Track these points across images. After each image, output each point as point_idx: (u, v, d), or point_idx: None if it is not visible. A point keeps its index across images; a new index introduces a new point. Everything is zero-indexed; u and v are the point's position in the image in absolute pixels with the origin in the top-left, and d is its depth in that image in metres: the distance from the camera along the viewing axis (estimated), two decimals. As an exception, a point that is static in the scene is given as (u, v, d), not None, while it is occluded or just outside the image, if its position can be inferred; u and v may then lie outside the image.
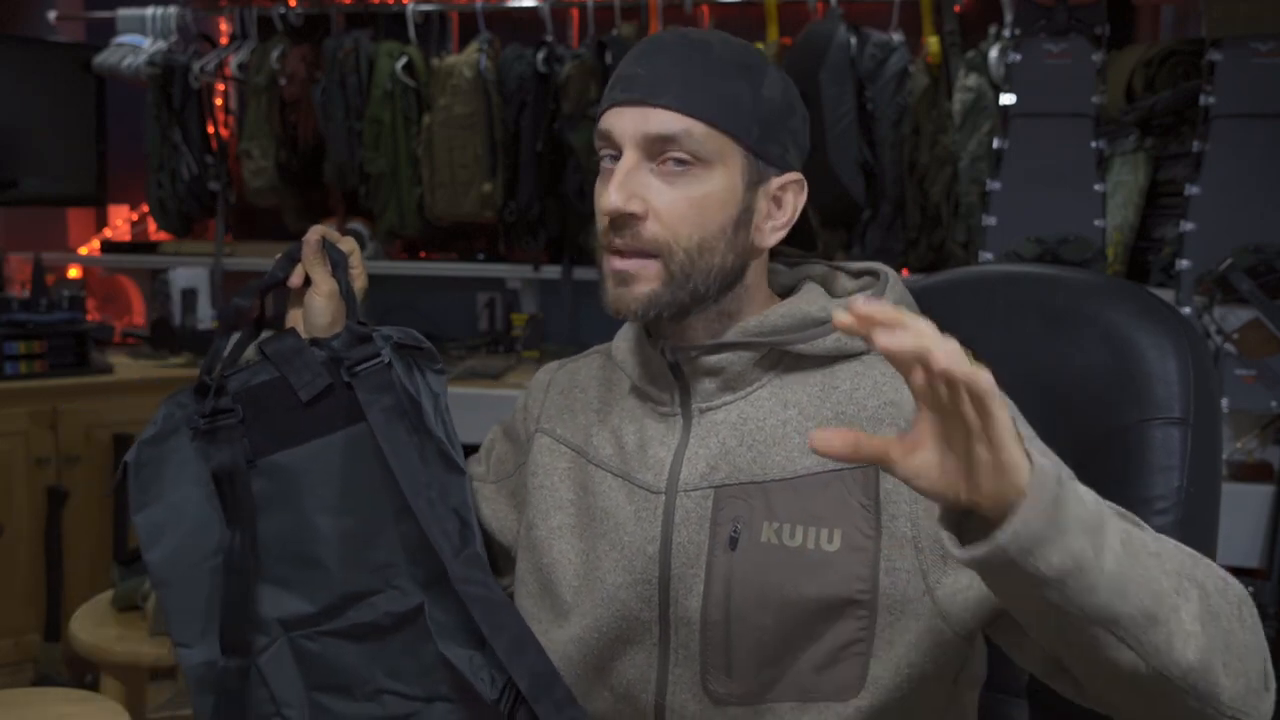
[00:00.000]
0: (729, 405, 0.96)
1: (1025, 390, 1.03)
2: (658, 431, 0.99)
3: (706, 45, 0.94)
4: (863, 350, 0.94)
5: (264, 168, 3.29)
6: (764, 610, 0.90)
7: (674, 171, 0.91)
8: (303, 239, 1.08)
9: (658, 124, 0.90)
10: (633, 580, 0.96)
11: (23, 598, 2.75)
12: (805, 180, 0.98)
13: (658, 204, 0.91)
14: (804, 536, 0.90)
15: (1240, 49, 2.42)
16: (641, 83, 0.92)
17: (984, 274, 1.19)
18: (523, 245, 3.19)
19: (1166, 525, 0.93)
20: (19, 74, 3.21)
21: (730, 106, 0.92)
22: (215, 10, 3.50)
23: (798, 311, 0.95)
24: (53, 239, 3.64)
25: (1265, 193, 2.39)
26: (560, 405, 1.09)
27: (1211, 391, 0.98)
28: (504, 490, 1.14)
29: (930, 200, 2.87)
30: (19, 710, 1.52)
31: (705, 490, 0.94)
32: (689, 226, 0.91)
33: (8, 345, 2.77)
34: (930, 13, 2.93)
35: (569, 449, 1.05)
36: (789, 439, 0.93)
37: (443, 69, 3.13)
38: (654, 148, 0.91)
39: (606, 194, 0.91)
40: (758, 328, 0.95)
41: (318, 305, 1.06)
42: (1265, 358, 2.32)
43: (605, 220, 0.93)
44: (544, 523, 1.04)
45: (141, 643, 1.86)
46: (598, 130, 0.95)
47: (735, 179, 0.93)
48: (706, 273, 0.93)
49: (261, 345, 1.05)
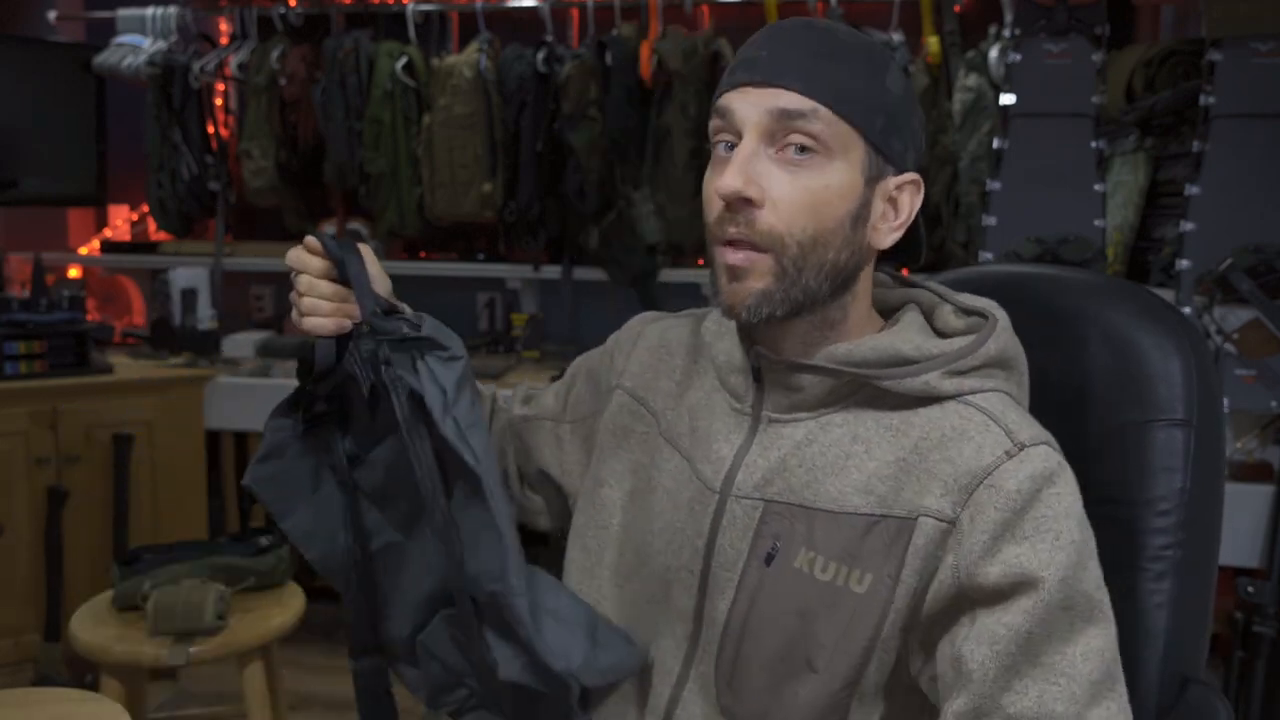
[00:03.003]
0: (799, 422, 0.94)
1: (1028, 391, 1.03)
2: (725, 426, 0.97)
3: (833, 32, 0.91)
4: (950, 395, 0.90)
5: (264, 168, 3.29)
6: (777, 633, 0.90)
7: (794, 160, 0.88)
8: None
9: (788, 101, 0.87)
10: (680, 565, 0.96)
11: (23, 598, 2.75)
12: (923, 183, 0.95)
13: (776, 193, 0.88)
14: (835, 573, 0.88)
15: (1240, 49, 2.42)
16: (764, 65, 0.89)
17: (984, 274, 1.18)
18: (523, 245, 3.19)
19: (1169, 526, 0.93)
20: (19, 74, 3.20)
21: (855, 95, 0.88)
22: (215, 10, 3.50)
23: (890, 347, 0.91)
24: (53, 239, 3.64)
25: (1265, 193, 2.39)
26: (646, 364, 1.08)
27: (1213, 392, 0.98)
28: (579, 432, 1.14)
29: (930, 200, 2.87)
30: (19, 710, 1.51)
31: (755, 501, 0.93)
32: (805, 218, 0.88)
33: (8, 345, 2.76)
34: (930, 13, 2.93)
35: (648, 413, 1.05)
36: (848, 472, 0.90)
37: (443, 69, 3.13)
38: (777, 129, 0.88)
39: (723, 177, 0.87)
40: (845, 357, 0.91)
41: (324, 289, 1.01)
42: (1265, 358, 2.32)
43: (719, 207, 0.89)
44: (615, 485, 1.04)
45: (141, 643, 1.86)
46: (716, 108, 0.92)
47: (855, 173, 0.89)
48: (819, 268, 0.89)
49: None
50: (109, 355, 3.08)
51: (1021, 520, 0.83)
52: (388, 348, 0.98)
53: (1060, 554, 0.82)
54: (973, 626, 0.83)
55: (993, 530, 0.83)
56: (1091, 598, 0.83)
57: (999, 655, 0.81)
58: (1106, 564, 0.86)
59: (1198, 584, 0.95)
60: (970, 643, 0.83)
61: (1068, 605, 0.82)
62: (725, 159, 0.90)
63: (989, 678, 0.81)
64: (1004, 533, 0.83)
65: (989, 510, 0.83)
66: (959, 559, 0.84)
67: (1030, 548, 0.82)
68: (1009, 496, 0.83)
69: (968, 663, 0.82)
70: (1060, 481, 0.85)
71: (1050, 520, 0.83)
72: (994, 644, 0.81)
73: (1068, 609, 0.82)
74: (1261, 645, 2.18)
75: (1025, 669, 0.81)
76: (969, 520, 0.84)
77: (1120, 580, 0.94)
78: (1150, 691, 0.92)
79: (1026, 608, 0.81)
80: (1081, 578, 0.82)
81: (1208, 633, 0.98)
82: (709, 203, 0.91)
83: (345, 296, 1.01)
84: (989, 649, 0.81)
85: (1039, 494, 0.83)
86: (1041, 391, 1.02)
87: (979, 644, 0.82)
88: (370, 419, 1.02)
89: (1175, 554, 0.93)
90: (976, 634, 0.83)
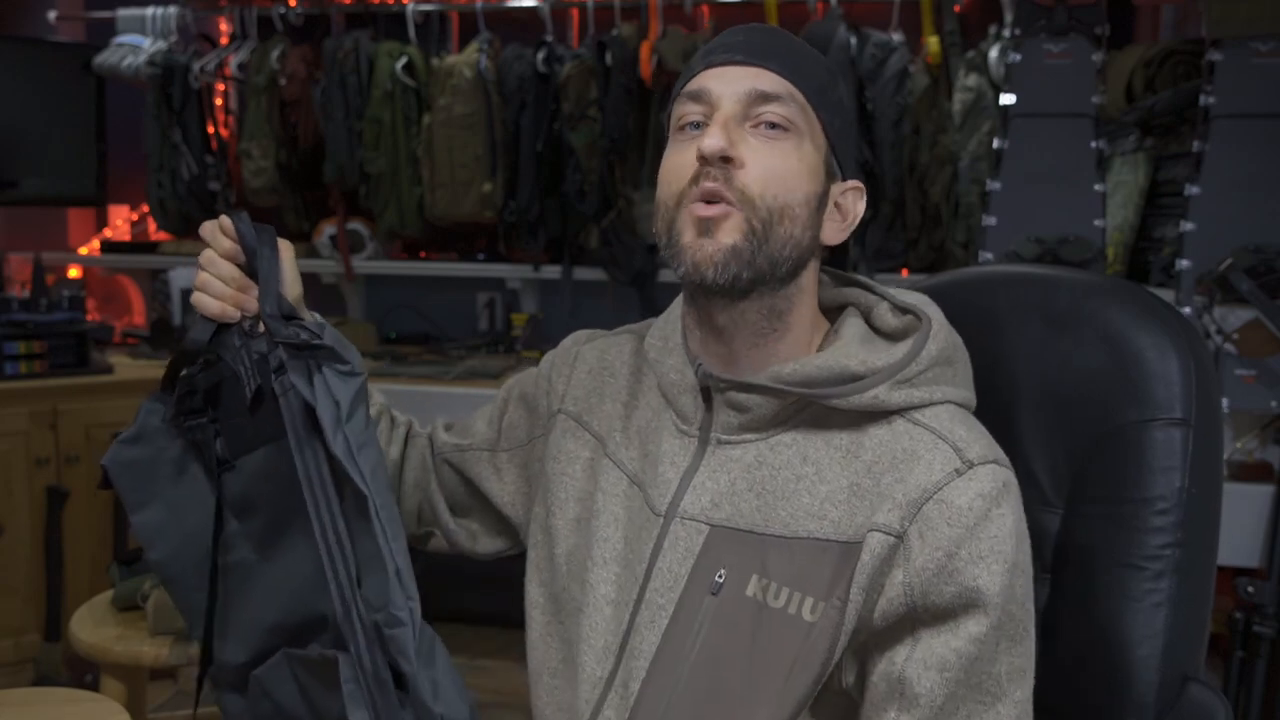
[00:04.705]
0: (748, 444, 0.93)
1: (1026, 391, 1.03)
2: (672, 448, 0.96)
3: (797, 38, 0.96)
4: (896, 409, 0.89)
5: (264, 168, 3.29)
6: (724, 668, 0.88)
7: (768, 134, 0.90)
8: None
9: (766, 82, 0.90)
10: (617, 598, 0.95)
11: (23, 598, 2.75)
12: (865, 190, 0.98)
13: (751, 158, 0.89)
14: (789, 600, 0.87)
15: (1240, 49, 2.42)
16: (744, 48, 0.92)
17: (984, 274, 1.18)
18: (522, 245, 3.19)
19: (1168, 525, 0.93)
20: (19, 74, 3.20)
21: (824, 92, 0.93)
22: (215, 10, 3.50)
23: (837, 364, 0.90)
24: (53, 239, 3.64)
25: (1265, 193, 2.39)
26: (588, 388, 1.07)
27: (1212, 392, 0.98)
28: (516, 460, 1.12)
29: (930, 200, 2.87)
30: (19, 710, 1.51)
31: (701, 524, 0.92)
32: (776, 186, 0.89)
33: (8, 345, 2.76)
34: (930, 13, 2.93)
35: (591, 437, 1.04)
36: (799, 496, 0.89)
37: (443, 69, 3.13)
38: (752, 108, 0.90)
39: (706, 137, 0.88)
40: (792, 376, 0.90)
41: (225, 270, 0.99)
42: (1265, 358, 2.32)
43: (690, 170, 0.90)
44: (562, 513, 1.02)
45: (141, 643, 1.85)
46: (685, 93, 0.93)
47: (819, 160, 0.93)
48: (784, 241, 0.90)
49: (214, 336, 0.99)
50: (109, 355, 3.08)
51: (975, 539, 0.83)
52: (283, 353, 0.93)
53: (1005, 577, 0.83)
54: (915, 646, 0.84)
55: (946, 548, 0.83)
56: (1016, 616, 0.84)
57: (947, 682, 0.82)
58: (1106, 563, 0.86)
59: (1197, 583, 0.95)
60: (915, 665, 0.83)
61: (1000, 625, 0.83)
62: (694, 135, 0.91)
63: (936, 704, 0.82)
64: (958, 550, 0.83)
65: (941, 526, 0.83)
66: (910, 576, 0.84)
67: (986, 569, 0.82)
68: (960, 513, 0.83)
69: (914, 686, 0.83)
70: (1006, 501, 0.85)
71: (999, 541, 0.83)
72: (944, 670, 0.82)
73: (998, 628, 0.83)
74: (1261, 645, 2.17)
75: (964, 692, 0.83)
76: (918, 536, 0.84)
77: (1119, 579, 0.94)
78: (1150, 690, 0.92)
79: (975, 634, 0.82)
80: (1012, 597, 0.84)
81: (1207, 631, 0.98)
82: (676, 173, 0.92)
83: (245, 286, 0.98)
84: (938, 675, 0.82)
85: (989, 514, 0.84)
86: (1041, 391, 1.02)
87: (927, 669, 0.83)
88: (247, 423, 0.97)
89: (1174, 553, 0.93)
90: (922, 657, 0.83)
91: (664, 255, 0.94)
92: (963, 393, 0.93)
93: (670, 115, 0.96)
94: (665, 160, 0.94)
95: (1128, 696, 0.93)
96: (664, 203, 0.93)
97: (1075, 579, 0.98)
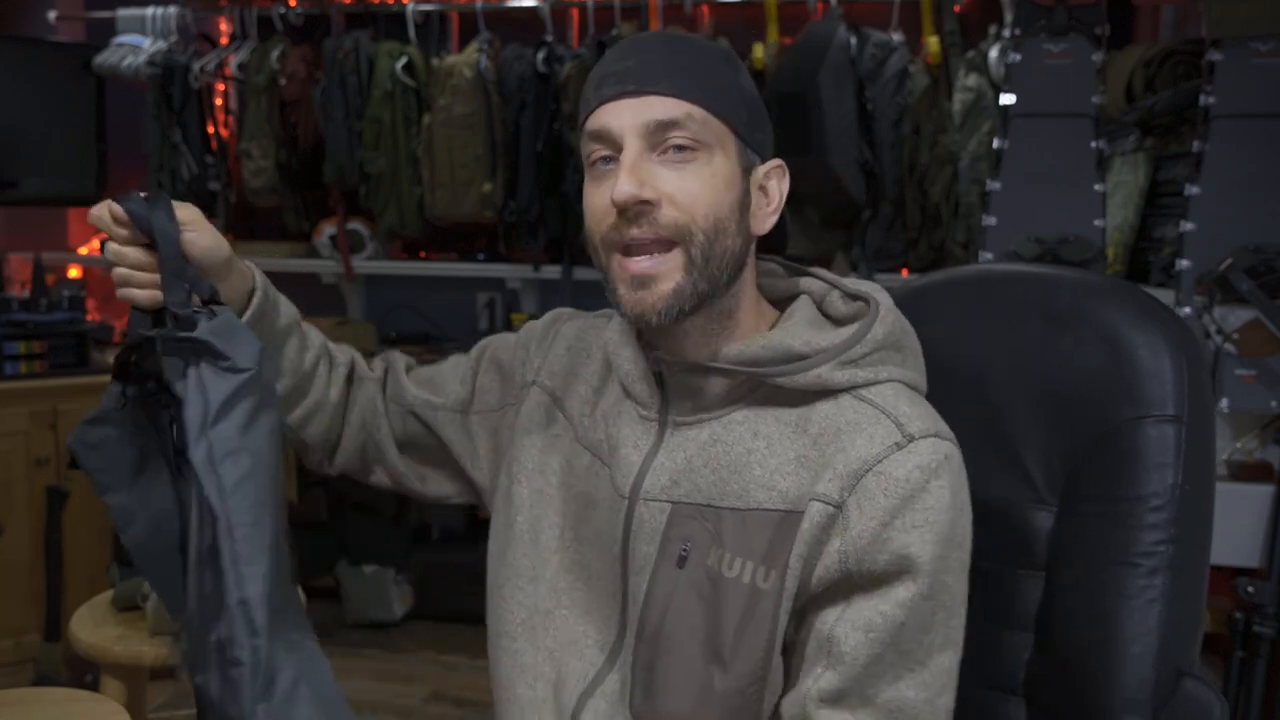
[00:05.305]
0: (703, 424, 0.96)
1: (1024, 390, 1.03)
2: (634, 433, 0.99)
3: (686, 39, 0.95)
4: (842, 388, 0.92)
5: (264, 168, 3.29)
6: (693, 637, 0.91)
7: (677, 159, 0.90)
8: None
9: (660, 110, 0.90)
10: (607, 569, 0.98)
11: (23, 598, 2.75)
12: (786, 167, 0.98)
13: (669, 189, 0.90)
14: (741, 569, 0.89)
15: (1240, 49, 2.42)
16: (633, 75, 0.91)
17: (984, 274, 1.18)
18: (522, 245, 3.19)
19: (1161, 522, 0.94)
20: (19, 74, 3.20)
21: (721, 92, 0.92)
22: (215, 10, 3.50)
23: (781, 344, 0.92)
24: (53, 239, 3.64)
25: (1265, 193, 2.38)
26: (565, 365, 1.09)
27: (1204, 389, 0.98)
28: (486, 425, 1.13)
29: (930, 200, 2.87)
30: (19, 710, 1.51)
31: (663, 503, 0.94)
32: (704, 206, 0.90)
33: (8, 345, 2.77)
34: (930, 13, 2.93)
35: (563, 415, 1.06)
36: (750, 470, 0.92)
37: (443, 69, 3.13)
38: (655, 136, 0.90)
39: (615, 186, 0.89)
40: (739, 356, 0.93)
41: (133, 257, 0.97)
42: (1265, 358, 2.32)
43: (612, 217, 0.90)
44: (529, 483, 1.05)
45: (141, 643, 1.85)
46: (587, 133, 0.94)
47: (733, 163, 0.93)
48: (724, 257, 0.91)
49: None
50: (109, 355, 3.08)
51: (911, 508, 0.85)
52: (161, 344, 0.86)
53: (938, 547, 0.85)
54: (846, 609, 0.86)
55: (882, 517, 0.85)
56: (949, 586, 0.86)
57: (872, 643, 0.85)
58: (1100, 560, 0.86)
59: (1190, 578, 0.96)
60: (844, 625, 0.86)
61: (930, 594, 0.85)
62: (607, 171, 0.92)
63: (859, 663, 0.85)
64: (893, 520, 0.85)
65: (878, 497, 0.85)
66: (846, 545, 0.86)
67: (919, 537, 0.84)
68: (898, 484, 0.85)
69: (840, 644, 0.86)
70: (945, 474, 0.87)
71: (935, 512, 0.85)
72: (869, 631, 0.85)
73: (930, 598, 0.85)
74: (1261, 645, 2.17)
75: (890, 656, 0.85)
76: (856, 507, 0.86)
77: (1113, 576, 0.94)
78: (1145, 686, 0.93)
79: (903, 599, 0.84)
80: (945, 567, 0.85)
81: (1201, 626, 0.98)
82: (596, 215, 0.93)
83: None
84: (864, 635, 0.85)
85: (927, 485, 0.86)
86: (1040, 390, 1.02)
87: (854, 629, 0.85)
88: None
89: (1168, 549, 0.94)
90: (851, 618, 0.86)
91: (604, 289, 0.95)
92: (910, 374, 0.95)
93: (580, 147, 0.97)
94: (586, 196, 0.95)
95: (1123, 693, 0.93)
96: (591, 239, 0.95)
97: (1070, 576, 0.98)
